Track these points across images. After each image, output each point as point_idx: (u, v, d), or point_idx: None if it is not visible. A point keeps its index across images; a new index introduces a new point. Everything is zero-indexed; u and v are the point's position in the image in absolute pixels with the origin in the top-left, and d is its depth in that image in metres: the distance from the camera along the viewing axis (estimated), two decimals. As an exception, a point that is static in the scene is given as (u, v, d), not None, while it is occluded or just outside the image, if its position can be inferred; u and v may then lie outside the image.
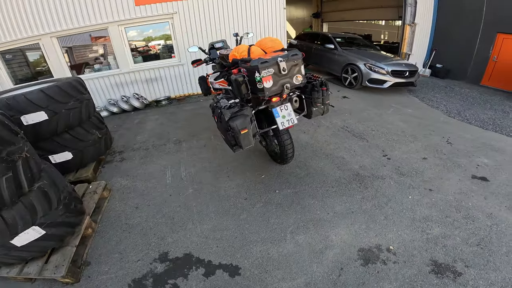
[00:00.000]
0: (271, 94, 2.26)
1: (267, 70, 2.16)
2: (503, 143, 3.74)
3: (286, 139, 2.68)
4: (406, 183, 2.81)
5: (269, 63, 2.16)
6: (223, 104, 2.34)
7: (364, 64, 5.93)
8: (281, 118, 2.46)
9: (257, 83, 2.17)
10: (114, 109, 5.41)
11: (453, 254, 1.96)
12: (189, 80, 6.14)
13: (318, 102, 2.61)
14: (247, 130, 2.25)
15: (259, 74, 2.13)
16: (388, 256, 1.97)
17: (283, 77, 2.27)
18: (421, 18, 7.60)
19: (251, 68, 2.17)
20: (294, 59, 2.28)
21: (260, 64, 2.12)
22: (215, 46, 3.72)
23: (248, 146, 2.33)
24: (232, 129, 2.21)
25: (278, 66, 2.19)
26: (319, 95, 2.57)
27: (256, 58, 2.21)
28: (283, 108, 2.48)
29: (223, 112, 2.24)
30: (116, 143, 4.10)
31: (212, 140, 3.92)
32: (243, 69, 2.33)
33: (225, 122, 2.22)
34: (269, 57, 2.20)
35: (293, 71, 2.30)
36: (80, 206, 2.26)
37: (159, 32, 5.82)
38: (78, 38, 5.44)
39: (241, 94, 2.32)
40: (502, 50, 6.60)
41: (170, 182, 3.03)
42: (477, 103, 5.56)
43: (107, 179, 3.14)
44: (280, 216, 2.43)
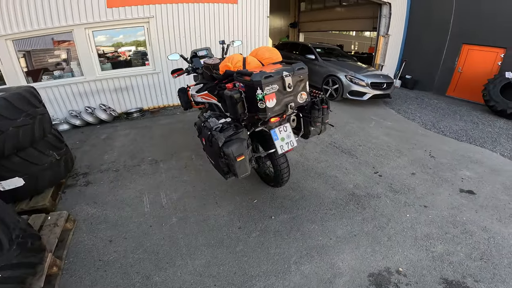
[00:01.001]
0: (273, 114, 1.98)
1: (271, 86, 1.87)
2: (479, 154, 3.92)
3: (282, 162, 2.43)
4: (402, 200, 2.80)
5: (274, 78, 1.88)
6: (213, 124, 2.03)
7: (345, 75, 5.98)
8: (280, 141, 2.20)
9: (258, 102, 1.88)
10: (76, 122, 4.77)
11: (461, 270, 1.97)
12: (164, 91, 5.68)
13: (318, 122, 2.39)
14: (244, 157, 1.96)
15: (262, 91, 1.84)
16: (399, 278, 1.93)
17: (287, 95, 2.00)
18: (393, 29, 7.93)
19: (252, 83, 1.87)
20: (300, 73, 2.02)
21: (263, 80, 1.83)
22: (198, 54, 3.40)
23: (244, 174, 2.04)
24: (227, 156, 1.91)
25: (283, 81, 1.92)
26: (319, 113, 2.34)
27: (257, 71, 1.90)
28: (282, 129, 2.22)
29: (216, 135, 1.93)
30: (79, 162, 3.55)
31: (194, 160, 3.54)
32: (239, 83, 2.02)
33: (218, 147, 1.92)
34: (272, 71, 1.92)
35: (298, 88, 2.05)
36: (39, 242, 1.89)
37: (130, 37, 5.32)
38: (39, 41, 4.76)
39: (237, 114, 2.02)
40: (467, 61, 7.02)
41: (148, 211, 2.63)
42: (448, 114, 5.87)
43: (70, 207, 2.68)
44: (280, 245, 2.22)
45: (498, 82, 5.90)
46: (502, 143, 4.38)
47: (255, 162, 2.38)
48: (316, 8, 13.04)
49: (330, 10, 12.02)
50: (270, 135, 2.22)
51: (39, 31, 4.40)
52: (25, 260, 1.69)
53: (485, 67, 6.64)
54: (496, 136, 4.68)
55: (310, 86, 6.34)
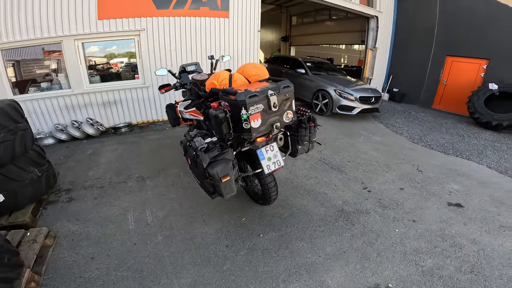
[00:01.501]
0: (258, 135, 1.96)
1: (255, 106, 1.85)
2: (466, 167, 3.98)
3: (270, 181, 2.39)
4: (390, 215, 2.79)
5: (259, 98, 1.85)
6: (198, 144, 1.99)
7: (334, 90, 6.05)
8: (266, 160, 2.17)
9: (242, 122, 1.86)
10: (62, 136, 4.65)
11: (451, 284, 1.97)
12: (153, 105, 5.61)
13: (305, 140, 2.37)
14: (230, 177, 1.92)
15: (247, 111, 1.82)
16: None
17: (272, 115, 1.98)
18: (381, 43, 8.15)
19: (237, 103, 1.84)
20: (285, 92, 2.00)
21: (248, 99, 1.80)
22: (186, 70, 3.39)
23: (230, 195, 2.00)
24: (212, 177, 1.87)
25: (268, 101, 1.89)
26: (306, 132, 2.32)
27: (242, 90, 1.86)
28: (268, 149, 2.19)
29: (200, 156, 1.89)
30: (63, 178, 3.44)
31: (182, 178, 3.47)
32: (224, 102, 1.99)
33: (203, 168, 1.88)
34: (258, 89, 1.90)
35: (283, 107, 2.02)
36: (16, 258, 1.84)
37: (123, 48, 5.26)
38: (29, 50, 4.66)
39: (222, 134, 1.98)
40: (451, 73, 7.17)
41: (133, 228, 2.54)
42: (434, 128, 5.99)
43: (51, 223, 2.59)
44: (268, 263, 2.17)
45: (482, 94, 6.01)
46: (488, 155, 4.47)
47: (242, 181, 2.34)
48: (307, 22, 13.39)
49: (320, 24, 12.35)
50: (256, 154, 2.19)
51: (28, 41, 4.34)
52: (2, 275, 1.65)
53: (469, 78, 6.78)
54: (482, 148, 4.78)
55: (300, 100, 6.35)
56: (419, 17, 7.74)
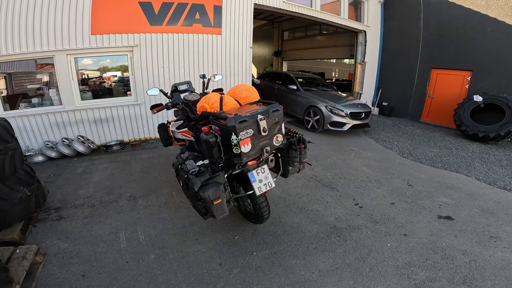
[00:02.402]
0: (248, 159, 1.99)
1: (245, 131, 1.88)
2: (455, 180, 4.07)
3: (261, 201, 2.42)
4: (382, 230, 2.82)
5: (248, 123, 1.90)
6: (190, 168, 2.02)
7: (325, 106, 6.14)
8: (257, 182, 2.19)
9: (233, 147, 1.89)
10: (52, 154, 4.58)
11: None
12: (146, 123, 5.57)
13: (296, 162, 2.40)
14: (221, 200, 1.93)
15: (237, 136, 1.85)
16: None
17: (262, 139, 2.02)
18: (369, 57, 8.38)
19: (227, 128, 1.86)
20: (275, 116, 2.05)
21: (238, 124, 1.83)
22: (178, 89, 3.41)
23: (222, 216, 2.00)
24: (203, 200, 1.89)
25: (258, 125, 1.94)
26: (296, 154, 2.36)
27: (232, 115, 1.90)
28: (259, 171, 2.22)
29: (192, 180, 1.91)
30: (52, 197, 3.37)
31: (174, 197, 3.45)
32: (215, 126, 2.03)
33: (194, 191, 1.89)
34: (248, 114, 1.94)
35: (273, 130, 2.07)
36: (5, 274, 1.84)
37: (117, 62, 5.26)
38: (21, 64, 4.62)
39: (213, 158, 2.01)
40: (437, 86, 7.34)
41: (125, 247, 2.50)
42: (423, 141, 6.11)
43: (40, 241, 2.55)
44: (262, 281, 2.16)
45: (467, 106, 6.15)
46: (476, 167, 4.58)
47: (235, 201, 2.36)
48: (298, 36, 13.72)
49: (311, 38, 12.68)
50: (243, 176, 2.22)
51: (19, 55, 4.31)
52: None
53: (454, 91, 6.94)
54: (470, 161, 4.90)
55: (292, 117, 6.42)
56: (405, 31, 8.01)
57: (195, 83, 4.93)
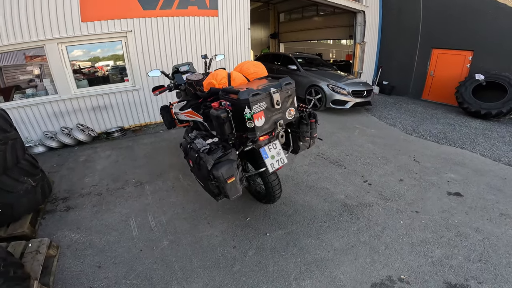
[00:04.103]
0: (262, 133, 1.92)
1: (259, 104, 1.82)
2: (461, 156, 4.06)
3: (273, 179, 2.37)
4: (393, 208, 2.82)
5: (261, 96, 1.82)
6: (200, 146, 1.95)
7: (327, 85, 6.07)
8: (270, 159, 2.14)
9: (246, 121, 1.83)
10: (52, 144, 4.48)
11: (463, 273, 1.99)
12: (146, 108, 5.47)
13: (307, 136, 2.36)
14: (235, 178, 1.88)
15: (250, 110, 1.78)
16: (403, 286, 1.91)
17: (275, 112, 1.95)
18: (369, 37, 8.21)
19: (240, 102, 1.80)
20: (287, 89, 1.98)
21: (251, 98, 1.77)
22: (180, 70, 3.31)
23: (236, 195, 1.96)
24: (217, 179, 1.84)
25: (271, 98, 1.87)
26: (307, 128, 2.31)
27: (244, 89, 1.83)
28: (271, 147, 2.16)
29: (204, 158, 1.84)
30: (58, 187, 3.31)
31: (181, 180, 3.40)
32: (225, 102, 1.95)
33: (207, 170, 1.84)
34: (260, 87, 1.86)
35: (286, 104, 2.01)
36: (21, 270, 1.78)
37: (108, 52, 5.10)
38: (11, 56, 4.44)
39: (224, 134, 1.94)
40: (438, 65, 7.30)
41: (137, 235, 2.48)
42: (426, 118, 6.08)
43: (51, 233, 2.51)
44: (278, 262, 2.15)
45: (469, 84, 6.16)
46: (480, 143, 4.57)
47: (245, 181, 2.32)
48: (294, 18, 13.37)
49: (308, 20, 12.35)
50: (259, 153, 2.16)
51: (8, 47, 4.12)
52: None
53: (455, 70, 6.92)
54: (474, 137, 4.89)
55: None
56: (404, 10, 7.84)
57: (195, 65, 4.79)
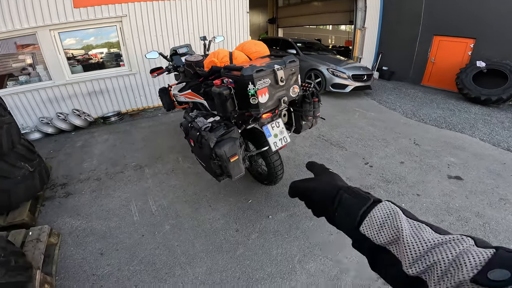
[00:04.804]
0: (266, 110, 1.89)
1: (263, 80, 1.77)
2: (461, 140, 4.05)
3: (276, 159, 2.35)
4: (395, 190, 2.82)
5: (265, 72, 1.78)
6: (201, 124, 1.91)
7: (327, 68, 6.00)
8: (273, 137, 2.11)
9: (250, 98, 1.78)
10: (48, 130, 4.41)
11: None
12: (143, 92, 5.39)
13: (309, 116, 2.33)
14: (238, 157, 1.86)
15: (254, 86, 1.74)
16: None
17: (279, 89, 1.91)
18: (369, 22, 8.07)
19: (243, 78, 1.76)
20: (291, 66, 1.95)
21: (255, 74, 1.72)
22: (178, 52, 3.23)
23: (239, 175, 1.94)
24: (219, 157, 1.81)
25: (275, 75, 1.83)
26: (310, 107, 2.28)
27: (247, 65, 1.79)
28: (274, 125, 2.13)
29: (206, 136, 1.81)
30: (56, 173, 3.28)
31: (181, 163, 3.37)
32: (227, 79, 1.91)
33: (209, 148, 1.80)
34: (263, 64, 1.82)
35: (290, 81, 1.96)
36: (23, 259, 1.76)
37: (101, 39, 4.96)
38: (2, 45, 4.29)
39: (227, 112, 1.90)
40: (439, 51, 7.27)
41: (138, 219, 2.46)
42: (425, 103, 6.05)
43: (51, 220, 2.49)
44: (281, 245, 2.15)
45: (470, 71, 6.16)
46: (480, 128, 4.56)
47: (248, 160, 2.30)
48: (294, 3, 13.03)
49: (307, 4, 12.04)
50: (261, 132, 2.14)
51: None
52: (13, 279, 1.56)
53: (456, 57, 6.88)
54: (473, 122, 4.87)
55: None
56: (406, -3, 7.70)
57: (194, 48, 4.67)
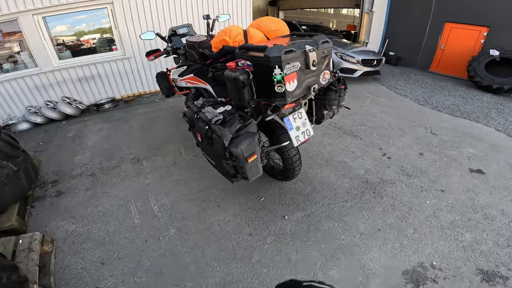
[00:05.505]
0: (293, 100, 1.58)
1: (292, 64, 1.45)
2: (477, 130, 3.86)
3: (294, 154, 2.04)
4: (417, 185, 2.62)
5: (295, 54, 1.46)
6: (210, 116, 1.60)
7: (335, 52, 5.68)
8: (295, 131, 1.83)
9: (275, 85, 1.47)
10: (37, 119, 4.07)
11: (493, 259, 1.88)
12: (138, 77, 5.01)
13: (334, 104, 2.02)
14: (256, 156, 1.56)
15: (281, 70, 1.42)
16: (436, 273, 1.77)
17: (309, 75, 1.60)
18: (377, 6, 7.68)
19: (268, 61, 1.43)
20: (324, 48, 1.63)
21: (283, 55, 1.39)
22: (178, 32, 2.90)
23: (256, 176, 1.66)
24: (235, 158, 1.51)
25: (307, 58, 1.51)
26: (336, 95, 1.97)
27: (271, 45, 1.45)
28: (296, 116, 1.84)
29: (219, 132, 1.49)
30: (46, 168, 2.98)
31: (183, 155, 3.08)
32: (244, 61, 1.58)
33: (223, 147, 1.50)
34: (293, 45, 1.49)
35: (321, 65, 1.65)
36: (16, 274, 1.54)
37: (94, 26, 4.55)
38: None
39: (244, 101, 1.59)
40: (450, 38, 7.04)
41: (139, 222, 2.21)
42: (436, 90, 5.82)
43: (43, 224, 2.22)
44: (300, 249, 1.94)
45: (482, 59, 6.01)
46: (494, 117, 4.36)
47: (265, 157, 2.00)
48: (296, -16, 12.49)
49: (311, -13, 11.52)
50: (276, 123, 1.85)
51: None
52: None
53: (468, 44, 6.71)
54: (487, 111, 4.67)
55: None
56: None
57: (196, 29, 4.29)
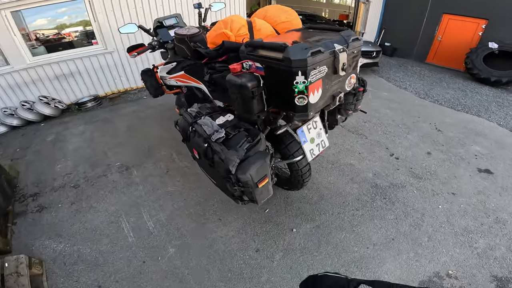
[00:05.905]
0: (315, 112, 1.32)
1: (318, 69, 1.14)
2: (480, 125, 3.78)
3: (304, 165, 1.79)
4: (428, 188, 2.49)
5: (323, 56, 1.14)
6: (209, 130, 1.34)
7: (333, 43, 5.45)
8: (309, 143, 1.60)
9: (295, 95, 1.17)
10: (13, 122, 3.70)
11: (506, 265, 1.83)
12: (123, 72, 4.64)
13: (350, 109, 1.77)
14: (268, 179, 1.32)
15: (306, 78, 1.11)
16: (452, 282, 1.72)
17: (335, 81, 1.31)
18: (373, -4, 7.45)
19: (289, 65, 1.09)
20: (354, 47, 1.32)
21: (310, 58, 1.07)
22: (165, 24, 2.56)
23: (266, 199, 1.42)
24: (243, 184, 1.26)
25: (336, 60, 1.20)
26: (353, 99, 1.71)
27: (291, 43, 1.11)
28: (311, 126, 1.60)
29: (222, 154, 1.24)
30: (25, 179, 2.67)
31: (176, 161, 2.82)
32: (252, 63, 1.27)
33: (227, 172, 1.25)
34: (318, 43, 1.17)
35: (349, 69, 1.34)
36: None
37: (76, 18, 4.17)
38: None
39: (252, 113, 1.30)
40: (447, 30, 6.96)
41: (134, 241, 1.98)
42: (435, 82, 5.74)
43: (29, 243, 2.00)
44: (312, 265, 1.80)
45: (481, 52, 5.96)
46: (495, 111, 4.30)
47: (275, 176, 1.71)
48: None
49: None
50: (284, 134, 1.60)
51: None
52: None
53: (465, 36, 6.66)
54: (487, 104, 4.60)
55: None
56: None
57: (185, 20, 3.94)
